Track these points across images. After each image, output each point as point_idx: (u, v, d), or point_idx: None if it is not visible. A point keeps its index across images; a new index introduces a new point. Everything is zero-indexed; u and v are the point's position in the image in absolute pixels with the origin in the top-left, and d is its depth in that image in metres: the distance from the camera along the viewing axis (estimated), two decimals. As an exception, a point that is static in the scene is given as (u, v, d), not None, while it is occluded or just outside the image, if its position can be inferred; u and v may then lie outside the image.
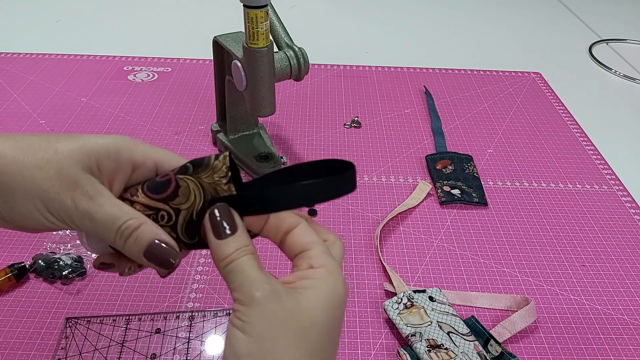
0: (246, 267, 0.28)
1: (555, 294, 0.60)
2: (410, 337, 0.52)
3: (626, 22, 1.39)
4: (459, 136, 0.87)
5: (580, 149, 0.86)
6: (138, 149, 0.32)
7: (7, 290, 0.57)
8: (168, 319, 0.55)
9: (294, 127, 0.87)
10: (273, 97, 0.66)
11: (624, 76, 1.12)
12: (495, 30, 1.31)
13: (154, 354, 0.51)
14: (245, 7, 0.58)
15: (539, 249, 0.66)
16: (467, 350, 0.51)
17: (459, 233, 0.68)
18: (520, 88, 1.03)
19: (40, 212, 0.29)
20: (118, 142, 0.31)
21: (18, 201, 0.29)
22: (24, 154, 0.29)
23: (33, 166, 0.28)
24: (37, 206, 0.29)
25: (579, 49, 1.24)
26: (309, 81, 1.01)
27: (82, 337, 0.52)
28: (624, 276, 0.63)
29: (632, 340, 0.56)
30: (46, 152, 0.29)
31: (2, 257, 0.61)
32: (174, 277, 0.59)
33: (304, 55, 0.67)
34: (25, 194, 0.28)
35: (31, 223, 0.30)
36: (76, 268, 0.58)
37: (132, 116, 0.88)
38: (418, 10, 1.41)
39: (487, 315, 0.57)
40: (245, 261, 0.28)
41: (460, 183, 0.75)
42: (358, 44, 1.19)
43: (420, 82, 1.03)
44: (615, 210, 0.73)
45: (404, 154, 0.82)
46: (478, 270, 0.63)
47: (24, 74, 0.99)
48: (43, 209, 0.29)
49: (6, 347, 0.51)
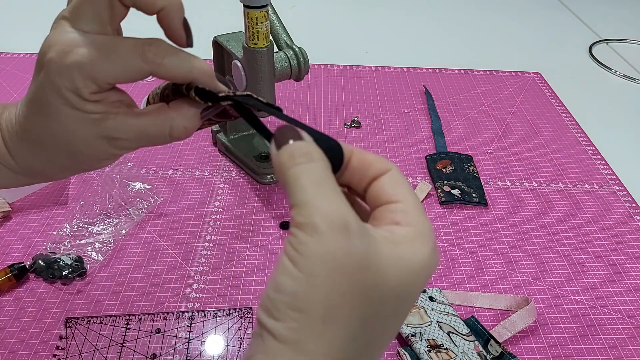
0: (314, 179, 0.22)
1: (555, 294, 0.60)
2: (410, 337, 0.52)
3: (626, 22, 1.39)
4: (459, 136, 0.87)
5: (580, 149, 0.86)
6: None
7: (7, 290, 0.57)
8: (168, 319, 0.55)
9: (294, 127, 0.87)
10: (273, 97, 0.66)
11: (624, 76, 1.12)
12: (495, 30, 1.31)
13: (154, 354, 0.51)
14: (245, 7, 0.58)
15: (539, 249, 0.66)
16: (467, 350, 0.51)
17: (459, 233, 0.68)
18: (520, 88, 1.03)
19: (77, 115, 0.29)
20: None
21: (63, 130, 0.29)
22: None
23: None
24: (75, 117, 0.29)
25: (579, 49, 1.24)
26: (309, 81, 1.01)
27: (82, 337, 0.52)
28: (624, 276, 0.63)
29: (632, 340, 0.56)
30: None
31: (2, 257, 0.61)
32: (174, 277, 0.59)
33: (304, 55, 0.67)
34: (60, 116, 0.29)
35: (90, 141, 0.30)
36: (76, 268, 0.58)
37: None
38: (418, 10, 1.41)
39: (487, 315, 0.57)
40: (312, 170, 0.23)
41: (460, 183, 0.75)
42: (358, 44, 1.19)
43: (420, 82, 1.03)
44: (615, 210, 0.73)
45: (404, 154, 0.82)
46: (478, 270, 0.63)
47: (24, 74, 0.99)
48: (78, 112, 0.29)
49: (6, 347, 0.51)
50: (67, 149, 0.30)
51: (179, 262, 0.61)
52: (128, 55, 0.28)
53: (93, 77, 0.28)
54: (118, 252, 0.62)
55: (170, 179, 0.74)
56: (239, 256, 0.63)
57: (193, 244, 0.64)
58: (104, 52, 0.27)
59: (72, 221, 0.64)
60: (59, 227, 0.64)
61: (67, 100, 0.28)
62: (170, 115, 0.31)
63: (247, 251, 0.63)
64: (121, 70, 0.28)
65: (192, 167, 0.77)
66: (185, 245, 0.64)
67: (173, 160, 0.78)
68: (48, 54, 0.28)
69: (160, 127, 0.30)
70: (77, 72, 0.27)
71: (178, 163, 0.77)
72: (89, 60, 0.27)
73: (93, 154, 0.31)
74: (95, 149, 0.30)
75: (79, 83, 0.27)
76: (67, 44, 0.27)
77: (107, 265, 0.60)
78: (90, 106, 0.29)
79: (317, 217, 0.21)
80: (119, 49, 0.28)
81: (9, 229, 0.64)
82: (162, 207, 0.69)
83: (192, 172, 0.76)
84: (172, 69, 0.29)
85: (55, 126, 0.29)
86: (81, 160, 0.31)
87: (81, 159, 0.31)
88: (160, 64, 0.28)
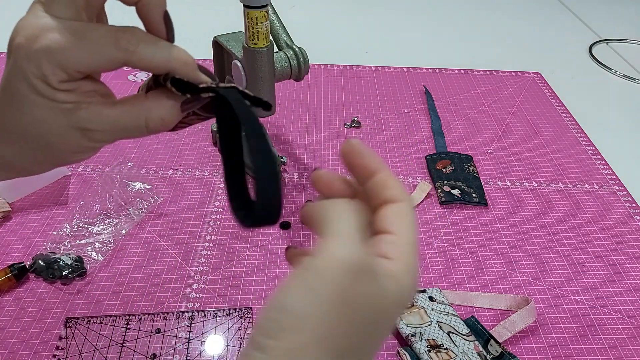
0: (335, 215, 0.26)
1: (555, 294, 0.60)
2: (410, 337, 0.52)
3: (626, 22, 1.39)
4: (459, 136, 0.87)
5: (580, 149, 0.86)
6: None
7: (7, 290, 0.57)
8: (168, 319, 0.55)
9: (294, 127, 0.87)
10: (273, 97, 0.66)
11: (624, 76, 1.12)
12: (495, 30, 1.31)
13: (154, 354, 0.51)
14: (245, 7, 0.58)
15: (539, 249, 0.66)
16: (467, 350, 0.51)
17: (459, 233, 0.68)
18: (520, 88, 1.03)
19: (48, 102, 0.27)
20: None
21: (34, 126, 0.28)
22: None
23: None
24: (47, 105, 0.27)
25: (579, 49, 1.24)
26: (309, 81, 1.01)
27: (82, 337, 0.52)
28: (624, 276, 0.63)
29: (632, 340, 0.56)
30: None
31: (2, 257, 0.61)
32: (174, 277, 0.59)
33: (304, 55, 0.67)
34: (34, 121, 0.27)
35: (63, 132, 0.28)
36: (76, 268, 0.58)
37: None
38: (418, 10, 1.41)
39: (487, 315, 0.57)
40: (334, 207, 0.26)
41: (460, 183, 0.75)
42: (358, 44, 1.19)
43: (420, 82, 1.03)
44: (615, 210, 0.73)
45: (404, 154, 0.82)
46: (478, 270, 0.63)
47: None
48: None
49: (6, 347, 0.51)
50: (38, 141, 0.29)
51: (179, 262, 0.61)
52: (100, 41, 0.26)
53: (62, 64, 0.26)
54: (118, 252, 0.62)
55: (170, 179, 0.74)
56: (239, 256, 0.63)
57: (193, 244, 0.64)
58: (74, 38, 0.26)
59: (72, 221, 0.64)
60: (59, 227, 0.64)
61: (34, 88, 0.26)
62: (147, 105, 0.29)
63: (247, 251, 0.63)
64: (92, 58, 0.26)
65: (192, 167, 0.77)
66: (185, 245, 0.64)
67: (173, 160, 0.78)
68: (16, 39, 0.26)
69: (136, 117, 0.29)
70: (44, 58, 0.26)
71: (178, 163, 0.77)
72: (58, 45, 0.26)
73: (66, 147, 0.29)
74: (67, 141, 0.29)
75: (46, 70, 0.26)
76: (37, 29, 0.26)
77: (107, 265, 0.60)
78: (61, 95, 0.27)
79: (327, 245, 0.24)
80: (91, 35, 0.26)
81: (9, 229, 0.64)
82: (162, 207, 0.69)
83: (192, 172, 0.76)
84: (146, 57, 0.27)
85: (25, 116, 0.28)
86: (54, 153, 0.30)
87: (54, 151, 0.30)
88: (134, 51, 0.27)
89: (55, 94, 0.27)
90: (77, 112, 0.28)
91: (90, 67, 0.27)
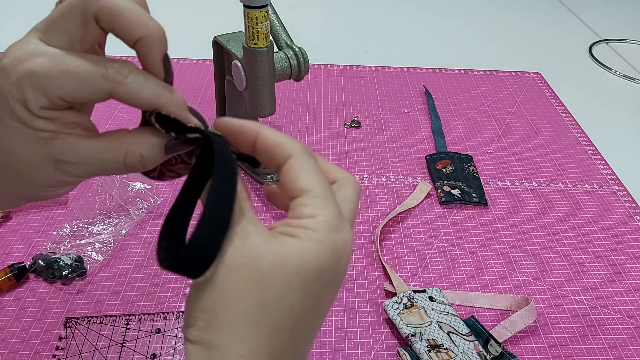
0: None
1: (555, 294, 0.60)
2: (410, 337, 0.52)
3: (626, 22, 1.39)
4: (459, 136, 0.87)
5: (580, 149, 0.86)
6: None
7: (7, 290, 0.57)
8: (168, 319, 0.55)
9: (294, 127, 0.87)
10: (273, 97, 0.66)
11: (624, 76, 1.12)
12: (495, 30, 1.31)
13: (154, 354, 0.51)
14: (245, 7, 0.58)
15: (539, 249, 0.66)
16: (467, 350, 0.51)
17: (459, 233, 0.68)
18: (520, 88, 1.03)
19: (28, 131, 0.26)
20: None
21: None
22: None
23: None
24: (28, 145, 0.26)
25: (579, 49, 1.24)
26: (309, 81, 1.01)
27: (82, 337, 0.52)
28: (624, 276, 0.63)
29: (632, 340, 0.56)
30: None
31: (2, 257, 0.61)
32: (174, 277, 0.59)
33: (304, 55, 0.67)
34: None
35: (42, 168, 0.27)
36: (76, 268, 0.58)
37: (132, 116, 0.88)
38: (418, 10, 1.41)
39: (487, 315, 0.57)
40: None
41: (460, 183, 0.75)
42: (358, 44, 1.19)
43: (420, 82, 1.03)
44: (615, 210, 0.73)
45: (404, 154, 0.82)
46: (478, 270, 0.63)
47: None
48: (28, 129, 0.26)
49: (6, 347, 0.51)
50: (8, 170, 0.27)
51: (179, 262, 0.61)
52: (87, 69, 0.25)
53: (45, 89, 0.25)
54: (118, 252, 0.62)
55: (170, 179, 0.74)
56: (239, 256, 0.63)
57: (193, 244, 0.64)
58: (61, 64, 0.25)
59: (72, 221, 0.64)
60: (59, 227, 0.64)
61: (12, 112, 0.25)
62: (128, 139, 0.27)
63: (247, 251, 0.63)
64: (76, 85, 0.25)
65: (192, 167, 0.76)
66: (185, 245, 0.64)
67: (173, 160, 0.78)
68: (3, 60, 0.26)
69: (115, 151, 0.27)
70: (27, 82, 0.25)
71: (178, 163, 0.77)
72: (43, 69, 0.25)
73: (37, 179, 0.27)
74: (40, 172, 0.27)
75: (27, 94, 0.25)
76: (25, 53, 0.25)
77: (107, 265, 0.60)
78: (39, 123, 0.26)
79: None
80: (79, 62, 0.25)
81: (9, 229, 0.64)
82: (162, 207, 0.69)
83: (192, 172, 0.76)
84: (134, 90, 0.26)
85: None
86: (25, 185, 0.28)
87: (25, 183, 0.28)
88: (121, 82, 0.26)
89: (34, 120, 0.25)
90: (53, 142, 0.26)
91: (74, 95, 0.26)
